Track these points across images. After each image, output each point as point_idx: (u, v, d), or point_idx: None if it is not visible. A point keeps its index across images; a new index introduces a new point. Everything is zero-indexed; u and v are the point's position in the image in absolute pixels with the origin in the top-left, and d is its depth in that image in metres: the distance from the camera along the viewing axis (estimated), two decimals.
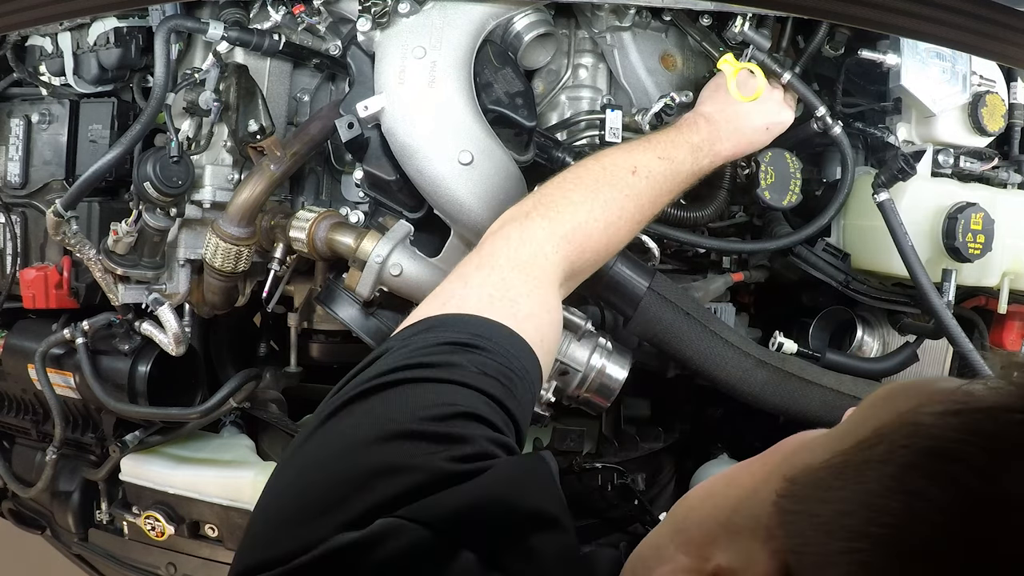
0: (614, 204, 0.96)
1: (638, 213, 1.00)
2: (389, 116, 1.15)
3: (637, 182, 0.99)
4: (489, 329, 0.76)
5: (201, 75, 1.24)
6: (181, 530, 1.48)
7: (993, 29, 0.96)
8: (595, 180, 0.98)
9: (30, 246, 1.44)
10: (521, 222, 0.90)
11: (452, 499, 0.57)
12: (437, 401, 0.66)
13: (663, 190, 1.04)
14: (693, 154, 1.08)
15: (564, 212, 0.92)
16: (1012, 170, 1.37)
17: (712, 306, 1.39)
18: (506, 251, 0.86)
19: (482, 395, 0.68)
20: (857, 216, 1.33)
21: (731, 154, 1.16)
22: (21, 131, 1.39)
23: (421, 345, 0.72)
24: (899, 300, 1.35)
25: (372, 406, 0.67)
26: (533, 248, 0.87)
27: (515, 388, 0.73)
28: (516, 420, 0.71)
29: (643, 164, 1.02)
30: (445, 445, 0.62)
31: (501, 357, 0.74)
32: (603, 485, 1.46)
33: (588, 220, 0.93)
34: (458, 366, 0.70)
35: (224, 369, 1.67)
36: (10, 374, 1.51)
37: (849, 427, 0.50)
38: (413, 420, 0.64)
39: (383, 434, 0.63)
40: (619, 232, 0.98)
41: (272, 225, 1.28)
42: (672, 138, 1.09)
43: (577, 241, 0.91)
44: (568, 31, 1.38)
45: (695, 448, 1.72)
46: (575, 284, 0.98)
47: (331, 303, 1.27)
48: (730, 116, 1.16)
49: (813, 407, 1.27)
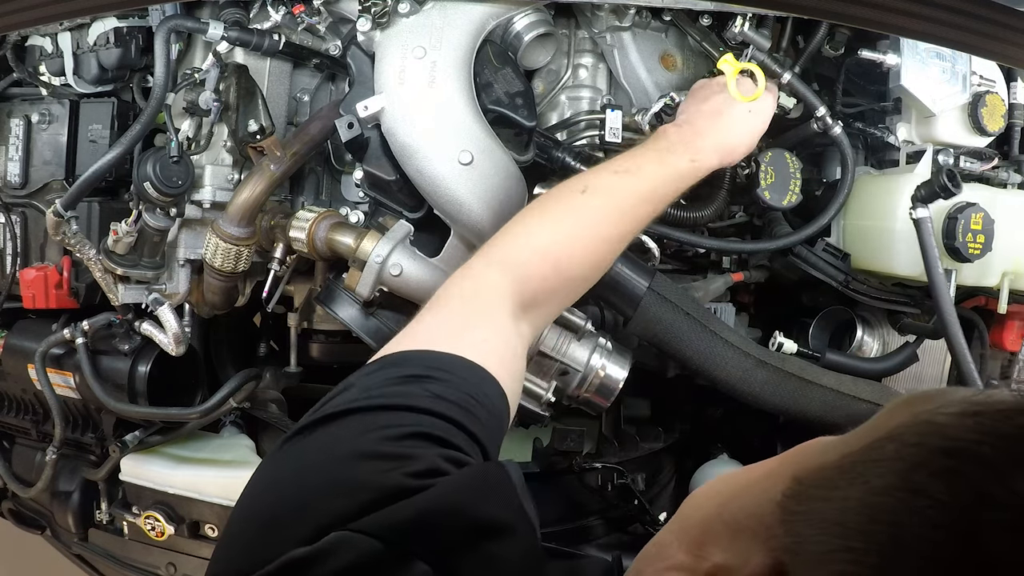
0: (556, 228, 0.96)
1: (591, 232, 0.97)
2: (389, 116, 1.15)
3: (587, 201, 0.98)
4: (444, 361, 0.78)
5: (201, 75, 1.24)
6: (181, 530, 1.48)
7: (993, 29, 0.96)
8: (540, 208, 0.99)
9: (30, 246, 1.44)
10: (465, 264, 0.94)
11: (403, 511, 0.58)
12: (390, 423, 0.67)
13: (627, 203, 1.00)
14: (660, 159, 1.04)
15: (500, 246, 0.94)
16: (1012, 170, 1.37)
17: (712, 306, 1.39)
18: (453, 289, 0.89)
19: (437, 418, 0.70)
20: (857, 216, 1.33)
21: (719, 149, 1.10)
22: (21, 131, 1.39)
23: (377, 381, 0.74)
24: (899, 300, 1.35)
25: (327, 432, 0.68)
26: (476, 282, 0.90)
27: (476, 411, 0.74)
28: (480, 441, 0.72)
29: (594, 182, 1.00)
30: (398, 462, 0.63)
31: (457, 383, 0.75)
32: (603, 485, 1.46)
33: (525, 248, 0.93)
34: (412, 394, 0.72)
35: (224, 369, 1.67)
36: (10, 374, 1.51)
37: (864, 430, 0.48)
38: (366, 442, 0.65)
39: (337, 455, 0.65)
40: (570, 255, 0.95)
41: (272, 225, 1.28)
42: (634, 151, 1.07)
43: (516, 270, 0.91)
44: (568, 31, 1.38)
45: (695, 448, 1.72)
46: (542, 312, 0.96)
47: (331, 303, 1.27)
48: (706, 115, 1.12)
49: (813, 407, 1.27)
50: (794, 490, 0.47)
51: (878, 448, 0.44)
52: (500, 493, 0.64)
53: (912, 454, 0.42)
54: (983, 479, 0.38)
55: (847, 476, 0.44)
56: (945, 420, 0.42)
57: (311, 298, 1.45)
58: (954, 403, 0.44)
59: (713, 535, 0.52)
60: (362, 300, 1.22)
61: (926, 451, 0.41)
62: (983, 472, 0.38)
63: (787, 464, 0.51)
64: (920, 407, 0.45)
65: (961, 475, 0.39)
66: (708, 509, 0.55)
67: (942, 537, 0.38)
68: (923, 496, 0.39)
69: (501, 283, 0.89)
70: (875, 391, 1.30)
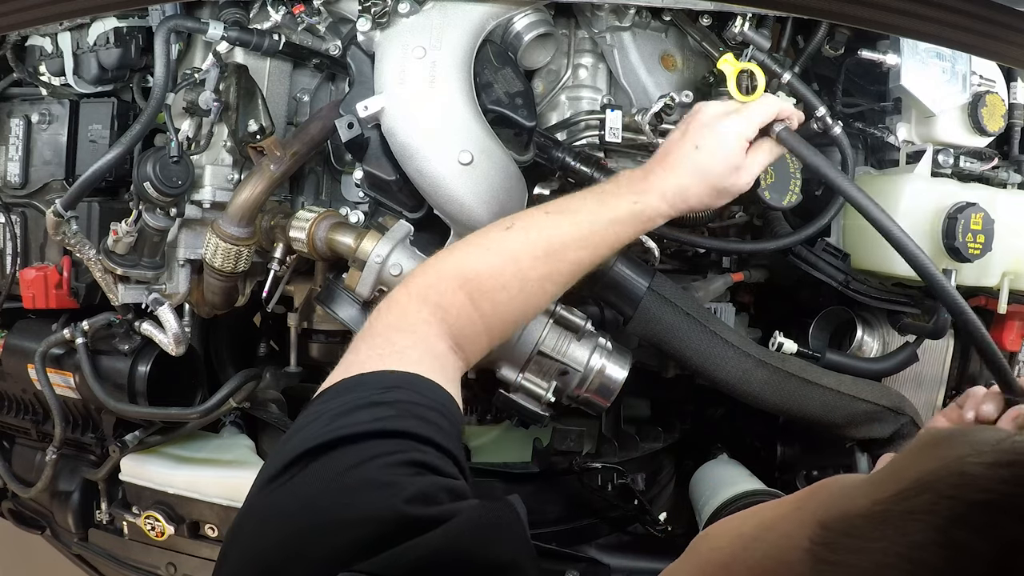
0: (469, 260, 0.93)
1: (510, 267, 0.93)
2: (389, 116, 1.15)
3: (509, 236, 0.95)
4: (395, 379, 0.79)
5: (201, 75, 1.24)
6: (181, 530, 1.48)
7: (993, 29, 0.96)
8: (465, 240, 0.97)
9: (30, 246, 1.44)
10: (387, 297, 0.93)
11: (412, 552, 0.58)
12: (377, 453, 0.68)
13: (554, 244, 0.94)
14: (600, 202, 0.97)
15: (417, 277, 0.93)
16: (1012, 170, 1.37)
17: (712, 306, 1.39)
18: (379, 319, 0.89)
19: (414, 439, 0.70)
20: (857, 216, 1.32)
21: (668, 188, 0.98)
22: (21, 131, 1.39)
23: (343, 409, 0.74)
24: (899, 300, 1.35)
25: (313, 470, 0.68)
26: (398, 310, 0.89)
27: (441, 423, 0.75)
28: (451, 452, 0.73)
29: (523, 219, 0.96)
30: (391, 490, 0.63)
31: (416, 398, 0.76)
32: (603, 485, 1.46)
33: (439, 279, 0.91)
34: (384, 417, 0.72)
35: (224, 369, 1.67)
36: (10, 374, 1.51)
37: (890, 474, 0.48)
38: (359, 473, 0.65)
39: (333, 490, 0.65)
40: (483, 288, 0.91)
41: (272, 225, 1.28)
42: (577, 193, 1.02)
43: (431, 299, 0.89)
44: (568, 31, 1.38)
45: (695, 448, 1.72)
46: (472, 351, 0.93)
47: (331, 303, 1.27)
48: (658, 155, 1.03)
49: (813, 407, 1.27)
50: (823, 537, 0.46)
51: (910, 499, 0.43)
52: (509, 534, 0.64)
53: (949, 507, 0.41)
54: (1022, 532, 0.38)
55: (880, 527, 0.43)
56: (979, 471, 0.42)
57: (311, 298, 1.45)
58: (985, 450, 0.43)
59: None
60: (362, 300, 1.22)
61: (963, 505, 0.41)
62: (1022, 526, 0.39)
63: (810, 506, 0.50)
64: (947, 452, 0.45)
65: (1001, 529, 0.39)
66: (730, 552, 0.54)
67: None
68: (966, 553, 0.39)
69: (422, 311, 0.88)
70: (875, 391, 1.30)
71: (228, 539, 0.68)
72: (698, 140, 0.99)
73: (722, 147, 0.99)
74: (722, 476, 1.57)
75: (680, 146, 1.00)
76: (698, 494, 1.58)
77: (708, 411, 1.78)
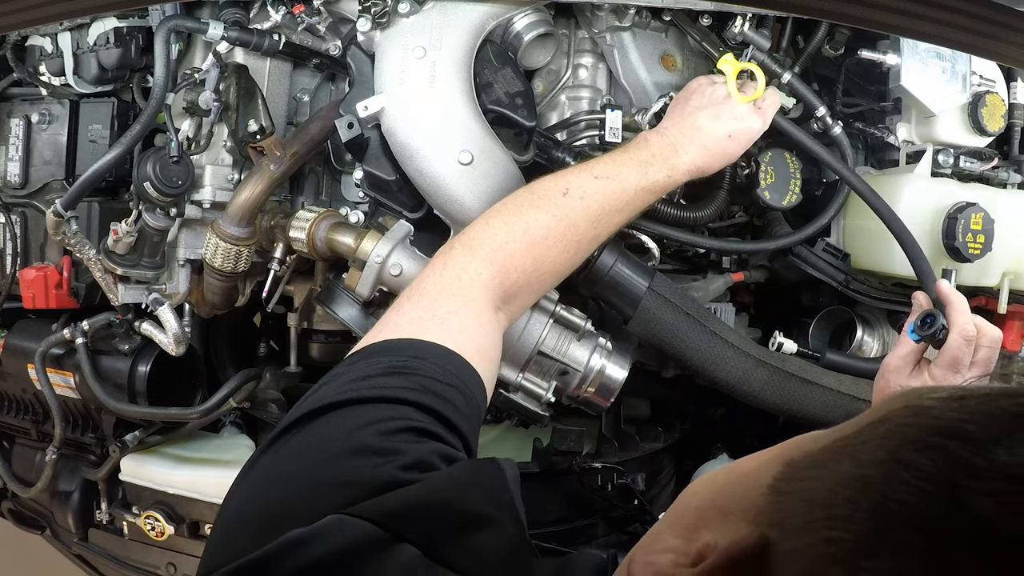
0: (538, 225, 0.98)
1: (571, 232, 1.00)
2: (389, 116, 1.15)
3: (568, 202, 1.00)
4: (424, 350, 0.81)
5: (201, 75, 1.24)
6: (181, 530, 1.48)
7: (993, 29, 0.96)
8: (519, 205, 1.01)
9: (30, 246, 1.44)
10: (445, 252, 0.96)
11: (397, 498, 0.61)
12: (379, 417, 0.70)
13: (604, 208, 1.02)
14: (640, 170, 1.06)
15: (483, 237, 0.96)
16: (1012, 170, 1.37)
17: (712, 306, 1.39)
18: (432, 278, 0.92)
19: (423, 411, 0.72)
20: (857, 216, 1.33)
21: (693, 166, 1.10)
22: (21, 131, 1.39)
23: (362, 373, 0.76)
24: (899, 300, 1.35)
25: (319, 427, 0.71)
26: (455, 271, 0.92)
27: (456, 402, 0.77)
28: (461, 431, 0.75)
29: (576, 185, 1.02)
30: (390, 457, 0.66)
31: (438, 373, 0.78)
32: (603, 485, 1.46)
33: (508, 241, 0.96)
34: (398, 387, 0.74)
35: (224, 369, 1.67)
36: (10, 374, 1.51)
37: (857, 418, 0.50)
38: (358, 437, 0.68)
39: (331, 452, 0.67)
40: (548, 252, 0.98)
41: (272, 225, 1.28)
42: (615, 157, 1.08)
43: (498, 261, 0.94)
44: (568, 31, 1.38)
45: (695, 448, 1.72)
46: (517, 307, 1.00)
47: (331, 303, 1.27)
48: (686, 129, 1.11)
49: (813, 407, 1.27)
50: (784, 473, 0.48)
51: (868, 431, 0.46)
52: (490, 487, 0.66)
53: (900, 432, 0.43)
54: (967, 453, 0.40)
55: (836, 456, 0.45)
56: (932, 403, 0.44)
57: (311, 298, 1.45)
58: (944, 389, 0.46)
59: (705, 520, 0.53)
60: (362, 300, 1.22)
61: (914, 430, 0.43)
62: (966, 446, 0.40)
63: (778, 451, 0.53)
64: (911, 395, 0.47)
65: (946, 449, 0.40)
66: (701, 495, 0.56)
67: (928, 505, 0.39)
68: (910, 468, 0.41)
69: (483, 274, 0.92)
70: None
71: (232, 489, 0.71)
72: (732, 130, 1.12)
73: (747, 143, 1.14)
74: None
75: (714, 132, 1.11)
76: None
77: (708, 411, 1.78)
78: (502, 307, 0.95)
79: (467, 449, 0.75)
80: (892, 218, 1.16)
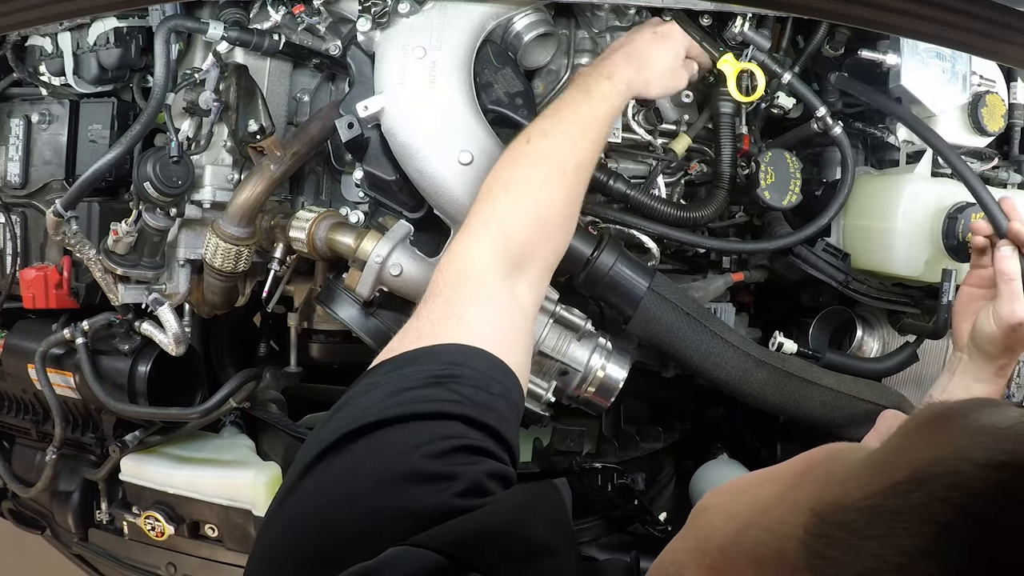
0: (513, 176, 0.98)
1: (551, 167, 0.99)
2: (389, 116, 1.15)
3: (534, 145, 1.00)
4: (459, 354, 0.78)
5: (201, 75, 1.24)
6: (181, 530, 1.48)
7: (993, 29, 0.96)
8: (491, 175, 1.00)
9: (30, 246, 1.44)
10: (446, 248, 0.97)
11: (460, 526, 0.59)
12: (431, 437, 0.67)
13: (572, 134, 1.02)
14: (581, 89, 1.07)
15: (471, 218, 0.96)
16: (1012, 170, 1.37)
17: (712, 306, 1.39)
18: (440, 277, 0.91)
19: (470, 425, 0.70)
20: (857, 216, 1.33)
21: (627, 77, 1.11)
22: (21, 131, 1.39)
23: (400, 386, 0.73)
24: (899, 300, 1.35)
25: (365, 448, 0.67)
26: (457, 262, 0.91)
27: (498, 406, 0.74)
28: (508, 442, 0.73)
29: (533, 129, 1.03)
30: (445, 483, 0.63)
31: (479, 380, 0.75)
32: (603, 485, 1.46)
33: (495, 208, 0.95)
34: (440, 398, 0.71)
35: (224, 369, 1.67)
36: (10, 374, 1.51)
37: (884, 460, 0.47)
38: (409, 462, 0.65)
39: (386, 477, 0.64)
40: (537, 196, 0.97)
41: (272, 225, 1.28)
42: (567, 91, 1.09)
43: (491, 232, 0.92)
44: (568, 31, 1.38)
45: (695, 448, 1.72)
46: (535, 270, 0.97)
47: (331, 303, 1.27)
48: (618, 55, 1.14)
49: (813, 407, 1.27)
50: (817, 528, 0.46)
51: (902, 495, 0.43)
52: (550, 513, 0.65)
53: (939, 512, 0.41)
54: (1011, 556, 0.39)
55: (873, 524, 0.43)
56: (971, 472, 0.42)
57: (311, 298, 1.45)
58: (980, 445, 0.43)
59: (734, 567, 0.52)
60: (362, 300, 1.22)
61: (953, 511, 0.41)
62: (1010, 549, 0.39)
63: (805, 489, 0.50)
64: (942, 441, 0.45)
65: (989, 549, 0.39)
66: (726, 534, 0.54)
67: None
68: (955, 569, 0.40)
69: (483, 252, 0.90)
70: (875, 391, 1.30)
71: (270, 518, 0.67)
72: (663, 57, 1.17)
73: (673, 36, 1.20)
74: (722, 476, 1.57)
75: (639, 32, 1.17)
76: (698, 494, 1.58)
77: (708, 411, 1.78)
78: (517, 276, 0.92)
79: (512, 459, 0.73)
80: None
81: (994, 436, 0.43)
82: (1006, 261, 1.08)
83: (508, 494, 0.65)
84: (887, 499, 0.44)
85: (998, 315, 1.07)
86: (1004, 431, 0.44)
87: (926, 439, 0.46)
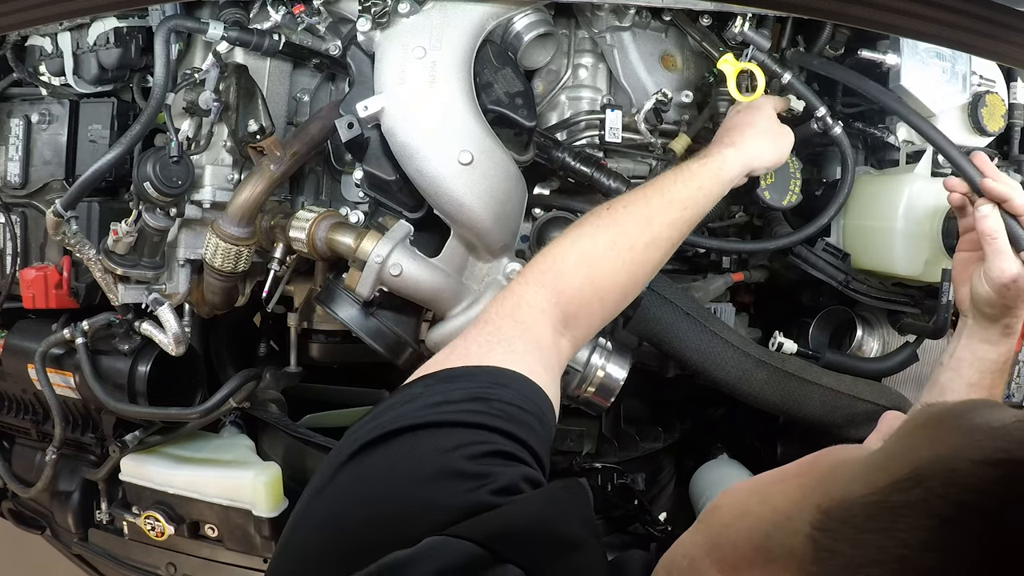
0: (584, 237, 0.99)
1: (620, 239, 0.99)
2: (389, 116, 1.15)
3: (613, 213, 1.01)
4: (502, 376, 0.81)
5: (201, 75, 1.24)
6: (181, 530, 1.48)
7: (993, 29, 0.96)
8: (571, 227, 1.02)
9: (30, 246, 1.44)
10: (508, 285, 0.98)
11: (496, 519, 0.61)
12: (467, 441, 0.70)
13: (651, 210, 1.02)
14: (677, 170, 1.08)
15: (536, 262, 0.98)
16: (1012, 170, 1.37)
17: (712, 306, 1.39)
18: (495, 307, 0.93)
19: (507, 437, 0.72)
20: (857, 216, 1.33)
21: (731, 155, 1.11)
22: (21, 131, 1.39)
23: (442, 398, 0.76)
24: (899, 300, 1.36)
25: (402, 447, 0.70)
26: (514, 298, 0.93)
27: (534, 426, 0.77)
28: (541, 459, 0.75)
29: (620, 198, 1.04)
30: (482, 480, 0.65)
31: (518, 400, 0.78)
32: (603, 485, 1.46)
33: (557, 260, 0.96)
34: (481, 412, 0.74)
35: (224, 369, 1.67)
36: (10, 374, 1.51)
37: (885, 458, 0.50)
38: (449, 460, 0.67)
39: (422, 474, 0.66)
40: (599, 262, 0.97)
41: (272, 225, 1.28)
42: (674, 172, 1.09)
43: (550, 283, 0.94)
44: (568, 31, 1.38)
45: (695, 448, 1.72)
46: (582, 330, 0.98)
47: (331, 303, 1.27)
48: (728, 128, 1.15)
49: (813, 407, 1.27)
50: (823, 523, 0.49)
51: (903, 492, 0.46)
52: (579, 510, 0.68)
53: (939, 506, 0.44)
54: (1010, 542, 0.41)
55: (875, 519, 0.46)
56: (968, 468, 0.44)
57: (311, 298, 1.45)
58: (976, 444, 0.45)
59: (746, 561, 0.54)
60: (362, 300, 1.22)
61: (952, 505, 0.43)
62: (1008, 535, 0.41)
63: (811, 487, 0.53)
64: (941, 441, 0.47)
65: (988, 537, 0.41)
66: (739, 531, 0.57)
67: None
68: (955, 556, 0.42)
69: (539, 298, 0.92)
70: (875, 391, 1.31)
71: (300, 514, 0.68)
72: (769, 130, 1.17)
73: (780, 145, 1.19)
74: (722, 476, 1.57)
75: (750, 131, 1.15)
76: (698, 494, 1.58)
77: (708, 411, 1.78)
78: (564, 332, 0.95)
79: (545, 475, 0.75)
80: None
81: (990, 435, 0.46)
82: (986, 221, 1.07)
83: (541, 491, 0.68)
84: (889, 495, 0.46)
85: (988, 276, 1.06)
86: (999, 430, 0.46)
87: (925, 439, 0.49)
